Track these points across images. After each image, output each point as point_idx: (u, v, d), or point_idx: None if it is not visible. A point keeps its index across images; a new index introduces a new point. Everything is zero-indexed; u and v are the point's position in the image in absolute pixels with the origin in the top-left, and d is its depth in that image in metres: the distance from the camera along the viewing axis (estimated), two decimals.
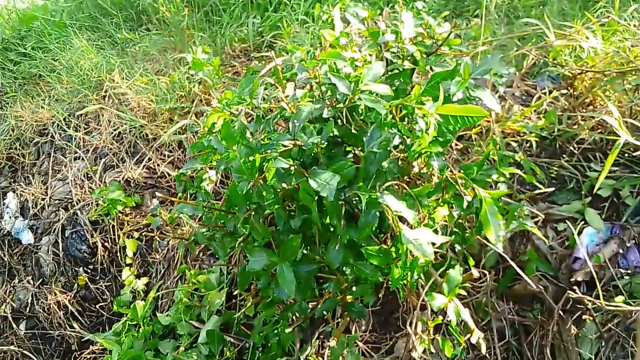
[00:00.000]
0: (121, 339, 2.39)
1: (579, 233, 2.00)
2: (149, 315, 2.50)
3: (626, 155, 2.10)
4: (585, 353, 1.76)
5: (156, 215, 1.75)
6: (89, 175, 3.08)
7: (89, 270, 2.83)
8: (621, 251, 1.94)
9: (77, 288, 2.81)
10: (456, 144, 2.26)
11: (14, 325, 2.82)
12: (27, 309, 2.85)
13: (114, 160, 3.09)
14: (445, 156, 1.82)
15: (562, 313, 1.84)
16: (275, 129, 1.53)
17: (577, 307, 1.85)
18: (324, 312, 1.62)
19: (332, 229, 1.52)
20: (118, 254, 2.79)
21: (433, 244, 1.28)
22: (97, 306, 2.75)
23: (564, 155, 2.23)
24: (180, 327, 2.30)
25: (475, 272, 1.42)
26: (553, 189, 2.09)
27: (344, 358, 2.04)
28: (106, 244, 2.82)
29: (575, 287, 1.85)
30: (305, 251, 1.55)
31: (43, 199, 3.09)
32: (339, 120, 1.49)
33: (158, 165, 2.99)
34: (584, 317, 1.82)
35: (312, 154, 1.43)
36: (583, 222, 2.02)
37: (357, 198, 1.44)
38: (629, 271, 1.91)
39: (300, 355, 2.11)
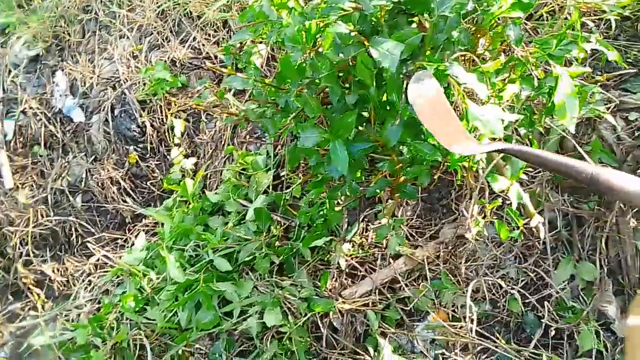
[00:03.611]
0: (172, 214, 2.48)
1: None
2: (198, 193, 2.56)
3: None
4: None
5: (204, 91, 1.71)
6: (135, 54, 3.03)
7: (138, 149, 2.88)
8: None
9: (128, 165, 2.89)
10: (525, 23, 2.06)
11: (71, 198, 2.96)
12: (82, 183, 2.97)
13: (159, 39, 3.01)
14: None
15: (622, 205, 1.76)
16: None
17: None
18: (376, 191, 1.59)
19: (388, 108, 1.44)
20: (166, 134, 2.82)
21: (502, 121, 1.20)
22: (148, 183, 2.84)
23: None
24: (229, 205, 2.36)
25: None
26: (627, 71, 1.91)
27: (387, 240, 2.06)
28: (154, 123, 2.84)
29: None
30: (359, 129, 1.49)
31: (91, 78, 3.09)
32: None
33: (203, 45, 2.90)
34: None
35: (373, 23, 1.31)
36: None
37: None
38: None
39: (345, 236, 2.15)
